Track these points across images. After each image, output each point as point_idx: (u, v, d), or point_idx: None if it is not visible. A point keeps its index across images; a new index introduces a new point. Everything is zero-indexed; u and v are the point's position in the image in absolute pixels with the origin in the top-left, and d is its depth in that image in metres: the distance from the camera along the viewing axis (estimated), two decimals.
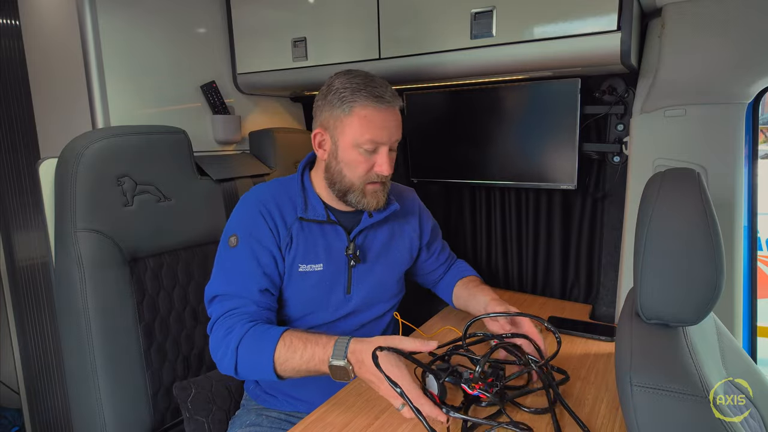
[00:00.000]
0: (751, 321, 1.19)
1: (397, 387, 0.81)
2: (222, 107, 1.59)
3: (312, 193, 1.10)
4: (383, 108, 1.01)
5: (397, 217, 1.20)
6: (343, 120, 1.01)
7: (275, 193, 1.09)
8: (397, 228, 1.21)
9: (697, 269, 0.64)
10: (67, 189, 1.09)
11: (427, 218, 1.31)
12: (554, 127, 1.38)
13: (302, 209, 1.07)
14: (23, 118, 1.79)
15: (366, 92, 1.00)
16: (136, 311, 1.16)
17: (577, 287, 1.55)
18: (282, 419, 1.10)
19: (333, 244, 1.10)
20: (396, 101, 1.03)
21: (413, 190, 1.32)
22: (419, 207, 1.29)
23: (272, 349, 0.93)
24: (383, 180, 1.06)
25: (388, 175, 1.06)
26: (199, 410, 1.16)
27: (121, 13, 1.35)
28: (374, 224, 1.14)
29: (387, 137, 1.02)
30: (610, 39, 1.04)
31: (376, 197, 1.06)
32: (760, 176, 1.16)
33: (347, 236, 1.10)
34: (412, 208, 1.26)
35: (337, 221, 1.09)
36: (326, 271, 1.08)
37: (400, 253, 1.21)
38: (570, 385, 1.02)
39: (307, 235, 1.08)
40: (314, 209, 1.08)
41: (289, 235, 1.06)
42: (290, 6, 1.48)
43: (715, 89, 1.08)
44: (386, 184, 1.09)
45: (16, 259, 1.96)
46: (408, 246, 1.23)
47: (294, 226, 1.07)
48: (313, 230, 1.08)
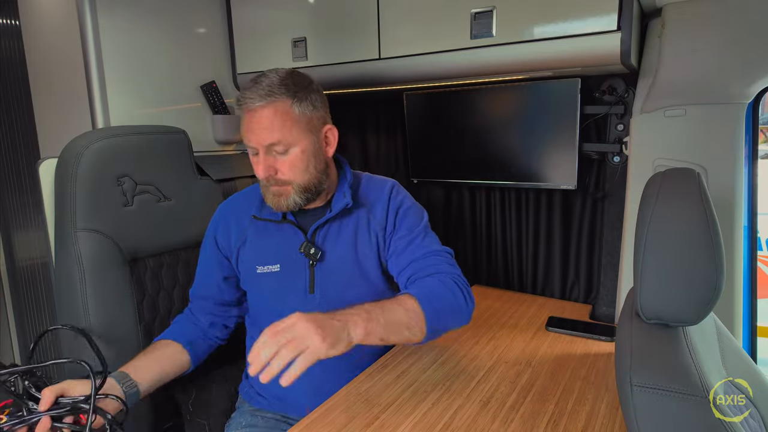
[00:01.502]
0: (751, 321, 1.19)
1: None
2: (222, 107, 1.59)
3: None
4: (249, 111, 0.97)
5: (364, 211, 1.10)
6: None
7: (246, 197, 1.15)
8: (363, 224, 1.10)
9: (697, 269, 0.64)
10: (67, 189, 1.09)
11: (400, 211, 1.11)
12: (554, 127, 1.38)
13: (257, 209, 1.10)
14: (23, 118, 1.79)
15: (241, 94, 0.98)
16: (136, 311, 1.16)
17: (577, 287, 1.55)
18: (277, 419, 1.10)
19: (289, 243, 1.07)
20: (265, 101, 0.95)
21: (394, 183, 1.16)
22: (390, 199, 1.12)
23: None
24: (274, 184, 1.01)
25: (276, 177, 1.00)
26: (199, 412, 1.15)
27: (121, 13, 1.35)
28: (336, 220, 1.08)
29: (254, 140, 0.97)
30: (610, 39, 1.04)
31: (273, 200, 1.03)
32: (760, 176, 1.16)
33: (305, 234, 1.07)
34: (379, 200, 1.12)
35: (294, 221, 1.07)
36: (283, 272, 1.07)
37: (367, 250, 1.10)
38: (570, 385, 1.02)
39: (263, 237, 1.09)
40: (270, 209, 1.07)
41: (243, 237, 1.11)
42: (290, 6, 1.48)
43: (715, 89, 1.08)
44: (293, 186, 1.01)
45: (16, 259, 1.96)
46: (374, 242, 1.10)
47: (250, 228, 1.10)
48: (270, 231, 1.09)
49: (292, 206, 1.03)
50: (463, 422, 0.91)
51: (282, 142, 0.98)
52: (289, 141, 0.98)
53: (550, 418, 0.91)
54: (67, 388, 0.86)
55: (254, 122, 0.97)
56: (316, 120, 1.02)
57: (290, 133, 0.98)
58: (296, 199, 1.02)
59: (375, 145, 1.85)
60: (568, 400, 0.96)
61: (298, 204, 1.03)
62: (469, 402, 0.97)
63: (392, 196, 1.13)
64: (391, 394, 1.01)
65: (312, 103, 1.00)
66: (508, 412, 0.93)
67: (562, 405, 0.95)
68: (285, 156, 0.99)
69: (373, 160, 1.85)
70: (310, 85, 1.02)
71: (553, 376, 1.06)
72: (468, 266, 1.74)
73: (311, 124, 1.01)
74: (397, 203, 1.12)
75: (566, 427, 0.88)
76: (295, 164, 1.00)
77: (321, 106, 1.03)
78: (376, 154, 1.85)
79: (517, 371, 1.08)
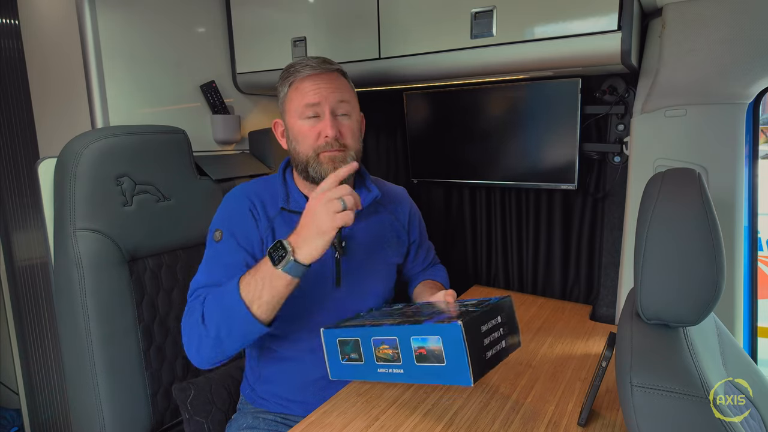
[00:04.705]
0: (751, 321, 1.19)
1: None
2: (221, 107, 1.59)
3: (294, 188, 1.11)
4: (313, 73, 1.04)
5: (386, 211, 1.20)
6: (285, 99, 1.07)
7: (258, 189, 1.11)
8: (387, 221, 1.19)
9: (698, 269, 0.64)
10: (67, 189, 1.09)
11: (417, 218, 1.29)
12: (555, 127, 1.38)
13: (284, 200, 1.08)
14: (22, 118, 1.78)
15: (296, 67, 1.05)
16: (136, 311, 1.16)
17: (578, 287, 1.54)
18: (278, 421, 1.10)
19: None
20: (326, 67, 1.05)
21: (405, 190, 1.31)
22: (410, 205, 1.28)
23: (237, 294, 0.91)
24: (337, 147, 1.03)
25: (340, 141, 1.03)
26: (198, 411, 1.15)
27: (120, 12, 1.35)
28: (360, 216, 1.12)
29: (321, 98, 1.02)
30: (610, 39, 1.03)
31: (333, 164, 1.02)
32: (760, 176, 1.16)
33: None
34: (401, 202, 1.25)
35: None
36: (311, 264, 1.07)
37: (389, 246, 1.19)
38: (570, 386, 1.02)
39: (290, 229, 1.04)
40: (296, 202, 1.08)
41: (270, 227, 1.06)
42: (290, 6, 1.48)
43: (715, 89, 1.07)
44: (347, 152, 1.05)
45: (16, 260, 1.95)
46: (395, 240, 1.20)
47: (276, 219, 1.07)
48: (295, 224, 1.06)
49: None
50: (464, 423, 0.90)
51: (350, 102, 1.06)
52: (353, 105, 1.07)
53: (551, 419, 0.91)
54: None
55: (322, 82, 1.03)
56: (357, 101, 1.11)
57: (352, 97, 1.08)
58: (348, 163, 1.05)
59: (375, 145, 1.84)
60: (569, 401, 0.96)
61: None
62: (470, 403, 0.97)
63: (411, 202, 1.29)
64: (391, 394, 1.01)
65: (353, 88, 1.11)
66: (509, 413, 0.93)
67: (563, 406, 0.95)
68: (348, 120, 1.06)
69: (373, 159, 1.85)
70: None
71: (554, 377, 1.06)
72: (468, 266, 1.74)
73: (357, 102, 1.11)
74: (416, 209, 1.30)
75: (566, 428, 0.88)
76: (354, 131, 1.07)
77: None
78: (376, 153, 1.85)
79: (518, 372, 1.08)
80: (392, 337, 0.86)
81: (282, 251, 0.89)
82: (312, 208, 0.89)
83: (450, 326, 0.78)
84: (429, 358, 0.82)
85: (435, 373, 0.82)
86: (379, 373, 0.89)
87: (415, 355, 0.84)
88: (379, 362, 0.88)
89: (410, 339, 0.84)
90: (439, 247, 1.78)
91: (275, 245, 0.90)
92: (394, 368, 0.87)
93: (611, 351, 0.84)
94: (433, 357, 0.81)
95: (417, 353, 0.83)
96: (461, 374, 0.79)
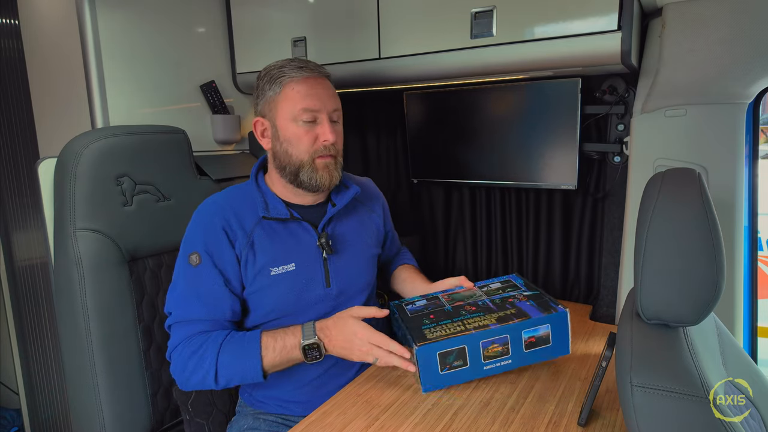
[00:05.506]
0: (751, 321, 1.19)
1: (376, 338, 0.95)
2: (221, 107, 1.59)
3: (270, 194, 1.09)
4: (309, 77, 1.03)
5: (362, 205, 1.21)
6: (276, 99, 1.04)
7: (232, 200, 1.07)
8: (365, 216, 1.21)
9: (698, 269, 0.64)
10: (67, 189, 1.09)
11: (387, 208, 1.32)
12: (555, 126, 1.38)
13: (263, 209, 1.05)
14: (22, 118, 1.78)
15: (288, 68, 1.03)
16: (136, 311, 1.16)
17: (578, 287, 1.54)
18: (279, 422, 1.10)
19: (302, 240, 1.07)
20: (321, 71, 1.06)
21: (371, 180, 1.32)
22: (381, 196, 1.30)
23: (257, 350, 0.96)
24: (332, 153, 1.05)
25: (335, 146, 1.05)
26: (199, 412, 1.15)
27: (120, 12, 1.35)
28: (341, 214, 1.13)
29: (321, 104, 1.02)
30: (610, 39, 1.03)
31: (328, 171, 1.04)
32: (760, 176, 1.16)
33: (315, 230, 1.08)
34: (374, 195, 1.28)
35: (300, 217, 1.07)
36: (299, 270, 1.06)
37: (370, 239, 1.20)
38: (570, 386, 1.02)
39: (273, 238, 1.05)
40: (275, 208, 1.06)
41: (250, 242, 1.03)
42: (290, 6, 1.48)
43: (715, 89, 1.07)
44: (338, 159, 1.07)
45: (16, 260, 1.95)
46: (375, 232, 1.23)
47: (255, 231, 1.04)
48: (278, 231, 1.06)
49: (336, 180, 1.07)
50: (464, 423, 0.90)
51: (340, 110, 1.07)
52: (341, 112, 1.08)
53: (551, 419, 0.91)
54: None
55: (319, 87, 1.04)
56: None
57: (340, 105, 1.08)
58: (338, 174, 1.08)
59: (375, 145, 1.84)
60: (569, 401, 0.96)
61: (337, 179, 1.07)
62: (469, 403, 0.97)
63: (380, 192, 1.31)
64: (391, 395, 1.01)
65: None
66: (509, 413, 0.93)
67: (563, 406, 0.95)
68: (339, 126, 1.08)
69: (373, 159, 1.85)
70: None
71: (554, 377, 1.06)
72: (468, 266, 1.74)
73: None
74: (384, 199, 1.31)
75: (566, 428, 0.88)
76: (341, 137, 1.09)
77: None
78: (376, 153, 1.85)
79: (518, 372, 1.08)
80: (503, 336, 0.96)
81: (316, 353, 0.98)
82: (354, 338, 0.96)
83: (557, 315, 0.97)
84: (537, 343, 0.98)
85: (540, 353, 0.98)
86: (485, 369, 0.98)
87: (525, 344, 0.97)
88: (486, 360, 0.97)
89: (521, 333, 0.96)
90: (439, 246, 1.79)
91: (311, 346, 0.97)
92: (502, 361, 0.98)
93: (611, 351, 0.84)
94: (541, 341, 0.98)
95: (527, 342, 0.97)
96: (563, 347, 0.99)
